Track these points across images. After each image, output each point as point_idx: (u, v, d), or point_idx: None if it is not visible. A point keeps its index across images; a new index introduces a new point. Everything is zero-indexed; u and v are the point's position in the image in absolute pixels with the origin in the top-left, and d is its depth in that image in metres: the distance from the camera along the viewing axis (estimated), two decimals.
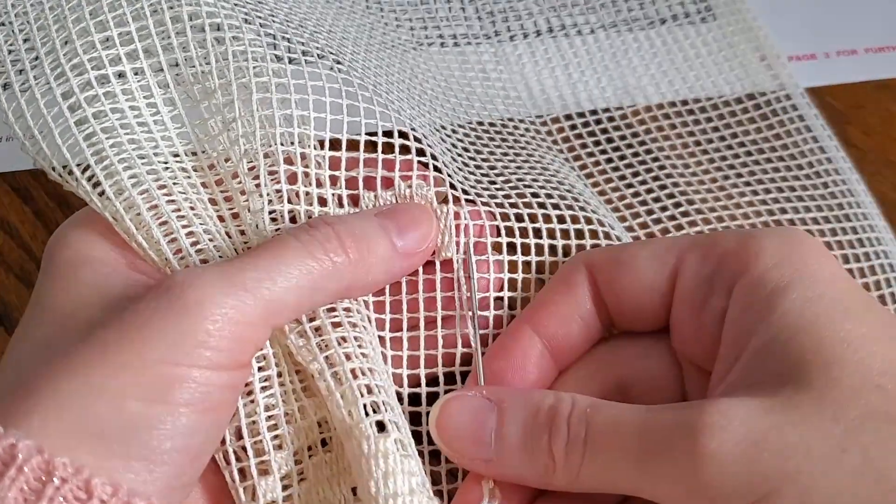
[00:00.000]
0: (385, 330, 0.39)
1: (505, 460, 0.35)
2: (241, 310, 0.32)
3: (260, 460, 0.35)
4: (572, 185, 0.45)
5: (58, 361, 0.31)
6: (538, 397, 0.35)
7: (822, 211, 0.50)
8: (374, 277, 0.37)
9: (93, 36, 0.38)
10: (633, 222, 0.49)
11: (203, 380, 0.31)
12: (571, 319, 0.38)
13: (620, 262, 0.38)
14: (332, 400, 0.34)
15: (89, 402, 0.30)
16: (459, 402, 0.36)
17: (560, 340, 0.38)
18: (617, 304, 0.38)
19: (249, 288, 0.32)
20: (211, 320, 0.31)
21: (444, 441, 0.36)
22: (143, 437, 0.30)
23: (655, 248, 0.38)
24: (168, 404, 0.31)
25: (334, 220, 0.36)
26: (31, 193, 0.51)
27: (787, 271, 0.34)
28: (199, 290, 0.32)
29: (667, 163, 0.52)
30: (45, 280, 0.35)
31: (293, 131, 0.37)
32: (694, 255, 0.37)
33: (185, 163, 0.38)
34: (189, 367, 0.31)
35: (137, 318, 0.31)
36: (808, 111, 0.54)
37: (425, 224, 0.38)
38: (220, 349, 0.32)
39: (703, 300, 0.36)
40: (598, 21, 0.59)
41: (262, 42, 0.38)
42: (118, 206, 0.36)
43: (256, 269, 0.33)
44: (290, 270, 0.34)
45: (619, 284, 0.37)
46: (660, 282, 0.37)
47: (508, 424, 0.35)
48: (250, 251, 0.35)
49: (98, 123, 0.37)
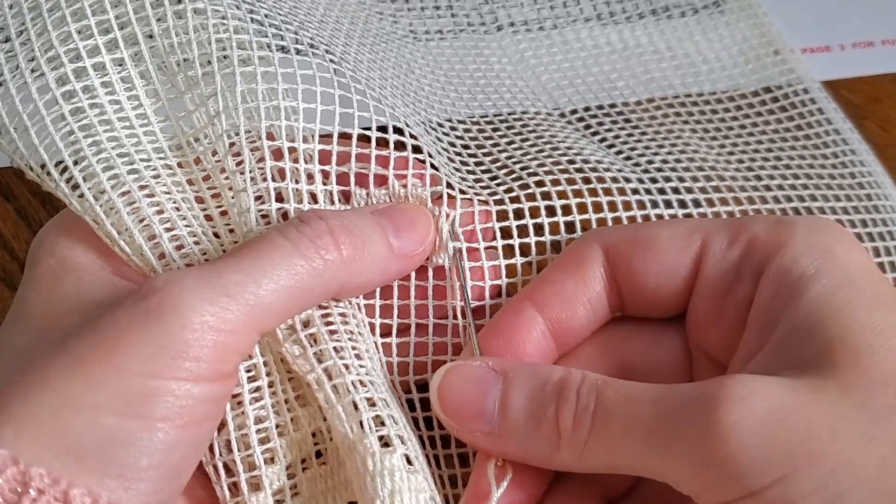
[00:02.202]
0: (376, 335, 0.38)
1: (507, 433, 0.33)
2: (222, 317, 0.31)
3: (251, 475, 0.34)
4: (592, 151, 0.44)
5: (32, 373, 0.30)
6: (546, 370, 0.34)
7: (852, 201, 0.48)
8: (369, 278, 0.35)
9: (69, 25, 0.36)
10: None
11: (182, 393, 0.30)
12: (578, 302, 0.36)
13: (639, 243, 0.36)
14: (332, 413, 0.33)
15: (63, 415, 0.29)
16: (462, 371, 0.34)
17: (563, 323, 0.36)
18: (632, 288, 0.36)
19: (231, 292, 0.31)
20: (190, 329, 0.30)
21: (444, 412, 0.34)
22: (119, 454, 0.29)
23: (678, 229, 0.36)
24: (145, 419, 0.29)
25: (327, 213, 0.34)
26: (13, 191, 0.50)
27: (816, 259, 0.33)
28: (177, 297, 0.30)
29: (688, 149, 0.50)
30: (27, 286, 0.34)
31: (280, 124, 0.35)
32: (720, 239, 0.35)
33: (170, 159, 0.36)
34: (167, 380, 0.30)
35: (112, 328, 0.30)
36: (827, 105, 0.53)
37: (423, 226, 0.37)
38: (200, 359, 0.30)
39: (729, 286, 0.35)
40: (604, 11, 0.58)
41: (249, 29, 0.36)
42: (98, 210, 0.34)
43: (239, 272, 0.31)
44: (276, 271, 0.32)
45: (636, 266, 0.36)
46: (682, 265, 0.35)
47: (514, 396, 0.33)
48: (233, 251, 0.33)
49: (76, 121, 0.35)
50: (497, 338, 0.36)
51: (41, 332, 0.32)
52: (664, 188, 0.45)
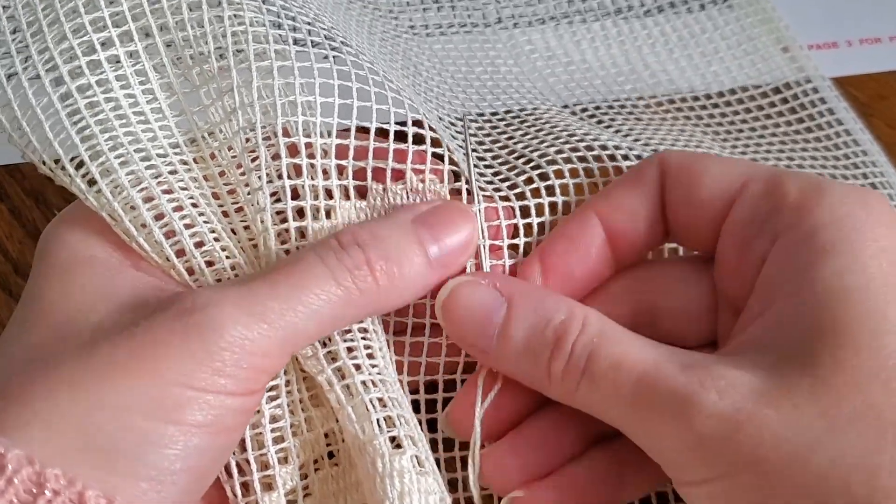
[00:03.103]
0: (390, 332, 0.37)
1: (504, 358, 0.35)
2: (259, 343, 0.31)
3: (264, 474, 0.33)
4: (609, 136, 0.44)
5: (58, 373, 0.30)
6: (551, 306, 0.34)
7: None
8: (404, 300, 0.35)
9: (82, 17, 0.35)
10: None
11: (217, 403, 0.30)
12: (639, 215, 0.37)
13: (692, 169, 0.36)
14: (343, 414, 0.33)
15: (95, 416, 0.29)
16: (470, 288, 0.35)
17: (624, 236, 0.37)
18: (675, 212, 0.37)
19: (270, 321, 0.31)
20: (229, 350, 0.30)
21: (447, 322, 0.35)
22: (153, 457, 0.29)
23: (729, 167, 0.36)
24: (181, 424, 0.30)
25: (367, 239, 0.33)
26: (6, 190, 0.49)
27: (837, 234, 0.32)
28: (218, 319, 0.30)
29: (702, 145, 0.49)
30: (38, 282, 0.33)
31: (297, 120, 0.35)
32: (758, 187, 0.35)
33: (185, 154, 0.36)
34: (203, 392, 0.30)
35: (151, 337, 0.30)
36: (838, 104, 0.52)
37: (466, 233, 0.36)
38: (234, 378, 0.31)
39: (750, 239, 0.34)
40: (611, 9, 0.58)
41: (265, 21, 0.36)
42: (116, 206, 0.34)
43: (277, 298, 0.31)
44: (312, 300, 0.32)
45: (683, 191, 0.36)
46: (720, 201, 0.36)
47: (514, 326, 0.34)
48: (272, 273, 0.33)
49: (91, 115, 0.34)
50: (565, 245, 0.37)
51: (60, 326, 0.31)
52: None
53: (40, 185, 0.33)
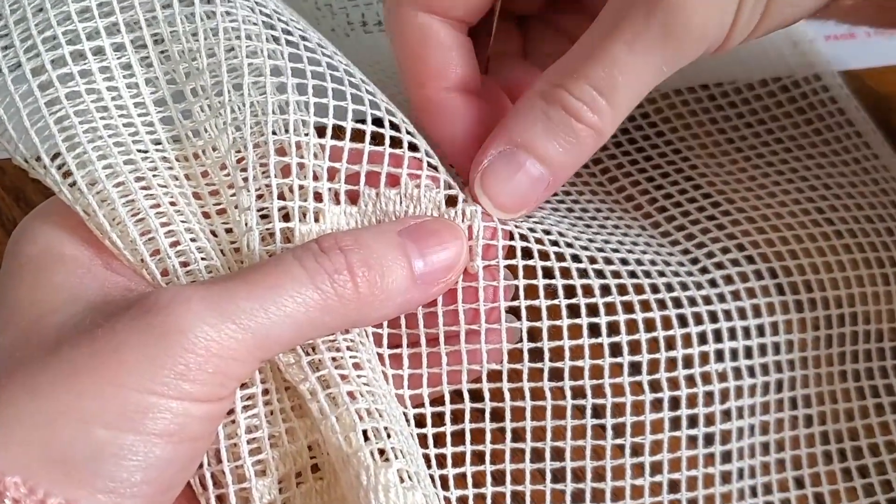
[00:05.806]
0: (383, 347, 0.36)
1: None
2: (226, 345, 0.29)
3: (240, 487, 0.32)
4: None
5: (21, 378, 0.29)
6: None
7: (876, 209, 0.46)
8: (385, 312, 0.33)
9: (69, 6, 0.34)
10: (668, 226, 0.44)
11: (180, 410, 0.29)
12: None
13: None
14: (326, 424, 0.32)
15: (54, 426, 0.28)
16: None
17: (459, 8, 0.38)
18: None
19: (239, 321, 0.30)
20: (193, 353, 0.29)
21: None
22: (112, 468, 0.28)
23: None
24: (141, 433, 0.29)
25: (349, 244, 0.32)
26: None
27: None
28: (182, 318, 0.29)
29: (690, 154, 0.48)
30: (7, 281, 0.32)
31: (288, 118, 0.34)
32: None
33: (168, 151, 0.35)
34: (165, 398, 0.29)
35: (112, 340, 0.29)
36: (849, 103, 0.50)
37: (454, 251, 0.35)
38: (199, 382, 0.29)
39: None
40: None
41: (258, 20, 0.35)
42: (90, 200, 0.33)
43: (249, 299, 0.30)
44: (287, 302, 0.30)
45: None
46: None
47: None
48: (245, 272, 0.32)
49: (71, 105, 0.33)
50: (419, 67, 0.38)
51: (25, 330, 0.31)
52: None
53: (21, 182, 0.32)
